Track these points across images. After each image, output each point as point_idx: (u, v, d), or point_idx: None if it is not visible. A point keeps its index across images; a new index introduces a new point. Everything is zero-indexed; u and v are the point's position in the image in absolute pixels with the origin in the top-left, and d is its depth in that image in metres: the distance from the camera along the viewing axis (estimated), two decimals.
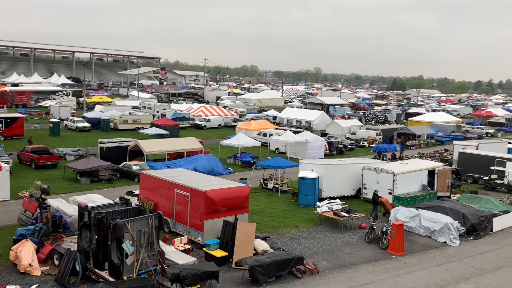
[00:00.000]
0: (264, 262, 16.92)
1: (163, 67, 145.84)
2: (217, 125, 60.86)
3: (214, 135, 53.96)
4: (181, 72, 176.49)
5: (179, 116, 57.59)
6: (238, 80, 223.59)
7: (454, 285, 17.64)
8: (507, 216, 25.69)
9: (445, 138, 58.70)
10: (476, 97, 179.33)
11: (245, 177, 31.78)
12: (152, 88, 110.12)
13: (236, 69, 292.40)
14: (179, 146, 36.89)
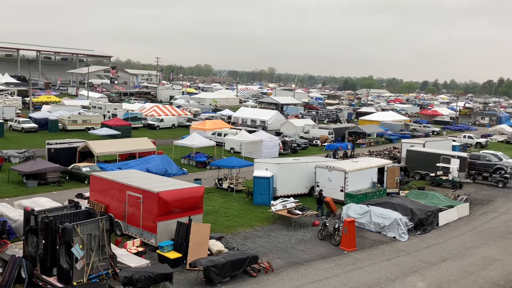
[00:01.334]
0: (219, 262, 16.88)
1: (114, 66, 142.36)
2: (171, 125, 60.10)
3: (167, 135, 53.26)
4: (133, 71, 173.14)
5: (131, 116, 56.39)
6: (192, 79, 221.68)
7: (402, 278, 18.28)
8: (452, 210, 26.91)
9: (394, 137, 60.74)
10: (423, 97, 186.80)
11: (200, 178, 31.56)
12: (103, 88, 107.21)
13: (190, 68, 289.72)
14: (131, 146, 36.12)
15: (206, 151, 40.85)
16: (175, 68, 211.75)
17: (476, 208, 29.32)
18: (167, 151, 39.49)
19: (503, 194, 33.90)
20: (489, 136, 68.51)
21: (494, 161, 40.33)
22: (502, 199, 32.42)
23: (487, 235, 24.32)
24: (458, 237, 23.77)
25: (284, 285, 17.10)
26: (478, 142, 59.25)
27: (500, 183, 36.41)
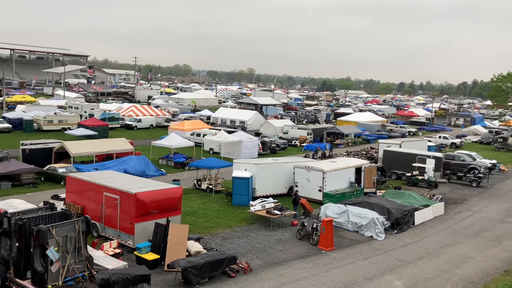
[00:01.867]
0: (197, 263, 16.82)
1: (91, 65, 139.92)
2: (149, 125, 59.55)
3: (145, 136, 52.76)
4: (111, 70, 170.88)
5: (108, 116, 55.66)
6: (171, 79, 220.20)
7: (379, 277, 18.53)
8: (427, 210, 27.41)
9: (371, 137, 61.51)
10: (399, 98, 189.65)
11: (178, 178, 31.37)
12: (79, 87, 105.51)
13: (169, 68, 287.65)
14: (108, 147, 35.67)
15: (184, 151, 40.62)
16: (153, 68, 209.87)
17: (451, 207, 29.92)
18: (145, 151, 39.13)
19: (477, 194, 34.69)
20: (463, 136, 70.02)
21: (468, 161, 41.22)
22: (475, 198, 33.17)
23: (461, 233, 24.85)
24: (434, 236, 24.23)
25: (263, 285, 17.15)
26: (453, 143, 60.48)
27: (474, 183, 37.24)
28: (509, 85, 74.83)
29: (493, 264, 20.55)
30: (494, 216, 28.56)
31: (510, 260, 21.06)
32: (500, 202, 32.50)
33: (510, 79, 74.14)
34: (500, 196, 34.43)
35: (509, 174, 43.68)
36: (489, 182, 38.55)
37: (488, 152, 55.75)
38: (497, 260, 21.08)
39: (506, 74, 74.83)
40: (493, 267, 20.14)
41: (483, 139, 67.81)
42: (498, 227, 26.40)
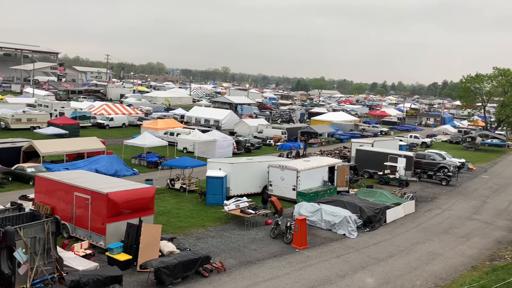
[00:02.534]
0: (170, 263, 16.66)
1: (61, 63, 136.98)
2: (121, 124, 58.69)
3: (117, 135, 51.99)
4: (82, 68, 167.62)
5: (80, 115, 54.58)
6: (144, 77, 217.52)
7: (352, 275, 18.75)
8: (398, 208, 27.90)
9: (344, 136, 62.28)
10: (372, 98, 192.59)
11: (151, 178, 31.01)
12: (49, 85, 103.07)
13: (142, 66, 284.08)
14: (79, 146, 34.98)
15: (158, 151, 40.21)
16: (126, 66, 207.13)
17: (421, 205, 30.54)
18: (117, 151, 38.53)
19: (446, 192, 35.52)
20: (433, 136, 71.67)
21: (438, 160, 42.17)
22: (445, 197, 33.96)
23: (431, 231, 25.40)
24: (405, 234, 24.67)
25: (236, 284, 17.13)
26: (424, 142, 61.82)
27: (443, 181, 38.13)
28: (477, 86, 76.95)
29: (461, 260, 21.08)
30: (462, 214, 29.31)
31: (478, 257, 21.65)
32: (468, 200, 33.37)
33: (478, 80, 76.27)
34: (469, 194, 35.37)
35: (477, 172, 44.93)
36: (458, 180, 39.56)
37: (457, 151, 57.25)
38: (465, 256, 21.63)
39: (475, 75, 76.94)
40: (461, 263, 20.66)
41: (452, 138, 69.56)
42: (466, 224, 27.10)
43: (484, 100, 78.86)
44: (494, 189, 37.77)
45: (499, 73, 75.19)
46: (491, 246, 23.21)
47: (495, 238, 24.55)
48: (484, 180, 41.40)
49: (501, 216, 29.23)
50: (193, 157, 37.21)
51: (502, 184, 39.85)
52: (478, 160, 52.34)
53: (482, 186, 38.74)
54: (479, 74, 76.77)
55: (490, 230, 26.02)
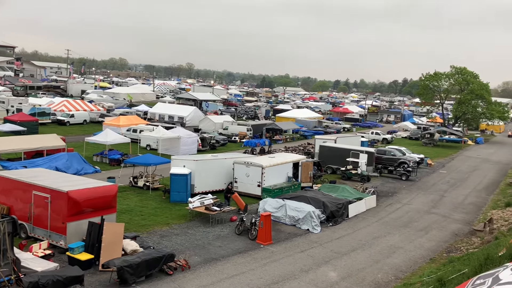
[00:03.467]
0: (133, 262, 16.42)
1: (18, 57, 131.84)
2: (82, 120, 57.22)
3: (78, 132, 50.73)
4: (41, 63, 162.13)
5: (38, 111, 52.84)
6: (106, 73, 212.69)
7: (315, 269, 19.04)
8: (360, 202, 28.51)
9: (308, 133, 63.04)
10: (335, 95, 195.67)
11: (113, 176, 30.45)
12: (6, 80, 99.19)
13: (104, 62, 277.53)
14: (38, 143, 33.91)
15: (120, 148, 39.48)
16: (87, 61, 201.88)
17: (382, 200, 31.33)
18: (78, 148, 37.56)
19: (406, 187, 36.57)
20: (394, 132, 73.54)
21: (398, 156, 43.32)
22: (405, 191, 34.96)
23: (392, 225, 26.10)
24: (366, 228, 25.25)
25: (201, 281, 17.07)
26: (385, 138, 63.35)
27: (403, 176, 39.23)
28: (436, 84, 79.54)
29: (420, 253, 21.77)
30: (421, 208, 30.25)
31: (436, 249, 22.41)
32: (427, 194, 34.47)
33: (436, 78, 78.83)
34: (427, 188, 36.53)
35: (435, 168, 46.46)
36: (417, 175, 40.80)
37: (417, 147, 58.98)
38: (424, 249, 22.35)
39: (433, 73, 79.47)
40: (420, 256, 21.34)
41: (412, 134, 71.58)
42: (425, 218, 28.00)
43: (442, 98, 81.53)
44: (451, 183, 39.18)
45: (456, 71, 77.98)
46: (448, 239, 24.08)
47: (452, 231, 25.49)
48: (442, 175, 42.86)
49: (458, 210, 30.36)
50: (156, 154, 36.78)
51: (459, 179, 41.38)
52: (436, 155, 54.12)
53: (440, 180, 40.10)
54: (437, 73, 79.34)
55: (447, 223, 26.99)
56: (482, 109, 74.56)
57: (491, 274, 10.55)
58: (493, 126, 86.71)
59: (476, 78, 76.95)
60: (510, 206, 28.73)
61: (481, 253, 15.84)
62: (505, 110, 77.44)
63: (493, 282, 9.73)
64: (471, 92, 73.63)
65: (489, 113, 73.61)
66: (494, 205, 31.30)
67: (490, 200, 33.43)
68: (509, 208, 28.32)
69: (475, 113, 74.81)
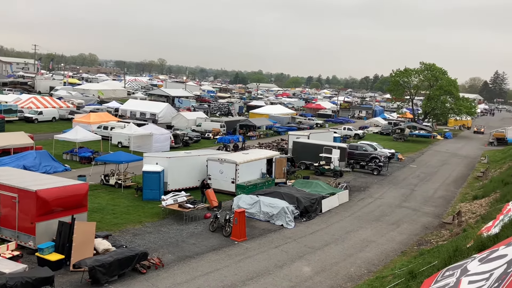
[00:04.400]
0: (105, 261, 16.15)
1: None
2: (51, 118, 55.90)
3: (47, 129, 49.52)
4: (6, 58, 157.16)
5: (5, 108, 51.34)
6: (75, 69, 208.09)
7: (290, 264, 19.16)
8: (333, 197, 28.83)
9: (282, 129, 63.27)
10: (307, 91, 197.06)
11: (84, 174, 29.84)
12: None
13: (73, 57, 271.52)
14: (5, 141, 32.98)
15: (91, 145, 38.73)
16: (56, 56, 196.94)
17: (354, 195, 31.76)
18: (47, 146, 36.67)
19: (378, 181, 37.17)
20: (365, 128, 74.60)
21: (370, 151, 43.95)
22: (376, 186, 35.54)
23: (364, 219, 26.50)
24: (339, 222, 25.56)
25: (175, 279, 16.94)
26: (356, 134, 64.17)
27: (375, 171, 39.86)
28: (406, 80, 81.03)
29: (392, 246, 22.18)
30: (392, 202, 30.82)
31: (407, 242, 22.88)
32: (398, 188, 35.14)
33: (406, 74, 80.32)
34: (398, 183, 37.24)
35: (405, 162, 47.38)
36: (388, 170, 41.53)
37: (388, 142, 60.02)
38: (396, 242, 22.78)
39: (403, 70, 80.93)
40: (392, 249, 21.74)
41: (383, 130, 72.78)
42: (396, 212, 28.54)
43: (412, 93, 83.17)
44: (421, 177, 40.04)
45: (426, 67, 79.65)
46: (419, 232, 24.61)
47: (422, 224, 26.06)
48: (412, 170, 43.76)
49: (428, 203, 31.07)
50: (128, 151, 36.25)
51: (429, 173, 42.33)
52: (406, 150, 55.20)
53: (411, 175, 40.93)
54: (407, 69, 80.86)
55: (417, 217, 27.58)
56: (450, 105, 76.40)
57: (460, 266, 10.83)
58: (461, 121, 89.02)
59: (445, 74, 78.76)
60: (477, 199, 29.57)
61: (450, 245, 16.24)
62: (472, 105, 79.57)
63: (461, 273, 9.99)
64: (439, 88, 75.33)
65: (457, 109, 75.49)
66: (463, 198, 32.16)
67: (458, 193, 34.33)
68: (476, 201, 29.14)
69: (444, 108, 76.59)
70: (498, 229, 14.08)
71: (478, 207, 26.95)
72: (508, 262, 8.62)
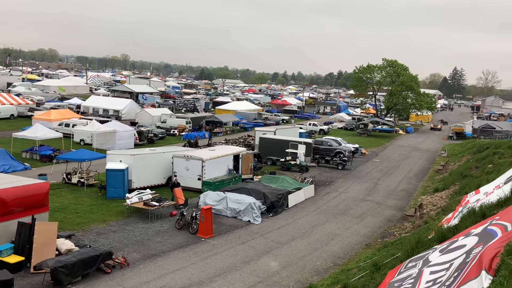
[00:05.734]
0: (68, 262, 15.72)
1: None
2: (9, 115, 53.97)
3: (5, 127, 47.81)
4: None
5: None
6: (34, 64, 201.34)
7: (257, 260, 19.21)
8: (299, 192, 29.11)
9: (248, 125, 63.33)
10: (273, 88, 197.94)
11: (45, 173, 28.92)
12: None
13: (32, 53, 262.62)
14: None
15: (52, 143, 37.63)
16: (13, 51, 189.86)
17: (320, 189, 32.16)
18: (4, 144, 35.35)
19: (342, 175, 37.79)
20: (330, 123, 75.68)
21: (335, 146, 44.63)
22: (341, 180, 36.12)
23: (329, 213, 26.89)
24: (305, 217, 25.83)
25: (141, 278, 16.68)
26: (322, 129, 65.02)
27: (339, 166, 40.50)
28: (369, 76, 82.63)
29: (357, 239, 22.60)
30: (357, 196, 31.40)
31: (371, 235, 23.36)
32: (362, 182, 35.83)
33: (369, 70, 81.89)
34: (362, 177, 37.97)
35: (369, 157, 48.36)
36: (353, 164, 42.29)
37: (352, 137, 61.07)
38: (360, 235, 23.23)
39: (366, 66, 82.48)
40: (356, 242, 22.15)
41: (347, 125, 74.03)
42: (361, 205, 29.09)
43: (375, 89, 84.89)
44: (384, 171, 40.97)
45: (388, 64, 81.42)
46: (383, 224, 25.18)
47: (386, 217, 26.68)
48: (376, 164, 44.70)
49: (391, 196, 31.83)
50: (91, 149, 35.41)
51: (391, 167, 43.35)
52: (370, 145, 56.34)
53: (374, 169, 41.81)
54: (370, 65, 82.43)
55: (381, 210, 28.21)
56: (411, 100, 78.43)
57: (422, 257, 11.14)
58: (422, 116, 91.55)
59: (406, 70, 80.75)
60: (438, 191, 30.50)
61: (413, 237, 16.66)
62: (432, 100, 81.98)
63: (423, 264, 10.27)
64: (401, 83, 77.19)
65: (418, 104, 77.60)
66: (424, 191, 33.10)
67: (420, 186, 35.32)
68: (437, 193, 30.05)
69: (406, 104, 78.57)
70: (457, 220, 14.55)
71: (438, 200, 27.81)
72: (466, 252, 8.93)
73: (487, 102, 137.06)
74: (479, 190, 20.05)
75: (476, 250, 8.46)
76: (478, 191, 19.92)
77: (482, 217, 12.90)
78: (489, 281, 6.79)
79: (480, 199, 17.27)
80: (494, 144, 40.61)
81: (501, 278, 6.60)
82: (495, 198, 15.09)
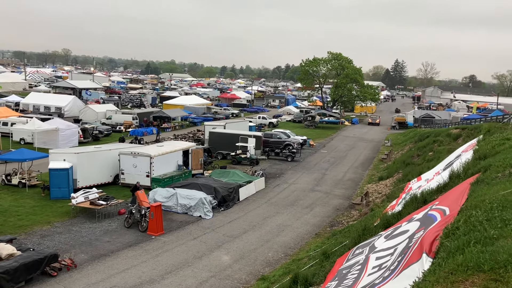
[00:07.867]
0: (10, 267, 15.00)
1: None
2: None
3: None
4: None
5: None
6: None
7: (209, 254, 19.16)
8: (250, 185, 29.26)
9: (198, 120, 62.79)
10: (222, 81, 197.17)
11: None
12: None
13: None
14: None
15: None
16: None
17: (270, 181, 32.50)
18: None
19: (292, 167, 38.36)
20: (279, 116, 76.46)
21: (284, 139, 45.18)
22: (291, 172, 36.65)
23: (280, 204, 27.24)
24: (256, 209, 26.03)
25: (89, 279, 16.20)
26: (271, 122, 65.59)
27: (289, 158, 41.08)
28: (315, 69, 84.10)
29: (307, 229, 23.06)
30: (306, 186, 32.00)
31: (320, 224, 23.91)
32: (310, 173, 36.53)
33: (315, 63, 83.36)
34: (311, 168, 38.72)
35: (317, 148, 49.36)
36: (301, 156, 43.02)
37: (300, 129, 62.05)
38: (310, 225, 23.72)
39: (312, 59, 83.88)
40: (306, 232, 22.59)
41: (295, 118, 75.11)
42: (310, 195, 29.68)
43: (321, 82, 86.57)
44: (332, 162, 41.99)
45: (333, 57, 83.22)
46: (331, 214, 25.83)
47: (334, 206, 27.38)
48: (323, 155, 45.71)
49: (338, 186, 32.69)
50: (32, 148, 33.92)
51: (338, 157, 44.49)
52: (317, 136, 57.51)
53: (322, 160, 42.75)
54: (316, 58, 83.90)
55: (329, 199, 28.92)
56: (356, 92, 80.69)
57: (368, 244, 11.54)
58: (366, 107, 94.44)
59: (351, 63, 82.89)
60: (382, 180, 31.66)
61: (359, 225, 17.22)
62: (376, 92, 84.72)
63: (369, 251, 10.64)
64: (346, 76, 79.19)
65: (362, 95, 79.96)
66: (369, 179, 34.25)
67: (365, 175, 36.50)
68: (382, 181, 31.19)
69: (350, 95, 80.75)
70: (401, 207, 15.18)
71: (383, 187, 28.88)
72: (409, 237, 9.34)
73: (427, 92, 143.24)
74: (421, 177, 21.03)
75: (418, 235, 8.86)
76: (420, 178, 20.89)
77: (424, 202, 13.52)
78: (429, 263, 7.14)
79: (422, 185, 18.11)
80: (433, 132, 42.60)
81: (440, 259, 6.95)
82: (435, 184, 15.87)
